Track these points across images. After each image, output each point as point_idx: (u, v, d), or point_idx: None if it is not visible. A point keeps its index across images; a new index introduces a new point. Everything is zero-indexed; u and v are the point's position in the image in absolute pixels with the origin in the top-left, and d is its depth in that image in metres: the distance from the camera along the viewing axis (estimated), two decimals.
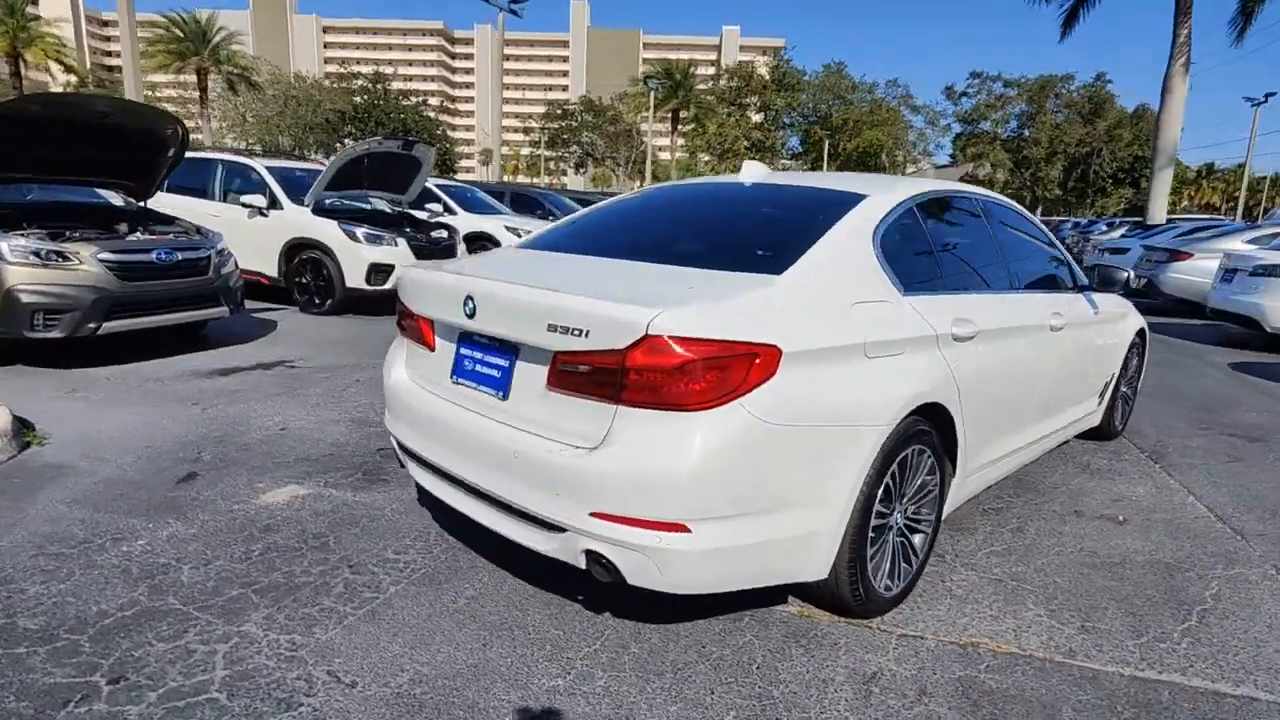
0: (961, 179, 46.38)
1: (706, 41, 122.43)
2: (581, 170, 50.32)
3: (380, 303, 8.24)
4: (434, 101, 75.03)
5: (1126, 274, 3.75)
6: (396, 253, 7.86)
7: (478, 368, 2.36)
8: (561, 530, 2.05)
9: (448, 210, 10.94)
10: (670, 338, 1.86)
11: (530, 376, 2.17)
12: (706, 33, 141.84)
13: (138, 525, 2.89)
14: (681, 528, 1.89)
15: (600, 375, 1.95)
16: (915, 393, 2.29)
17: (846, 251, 2.37)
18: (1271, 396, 6.05)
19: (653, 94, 34.44)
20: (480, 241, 10.53)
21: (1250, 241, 10.75)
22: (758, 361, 1.92)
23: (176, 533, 2.85)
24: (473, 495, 2.35)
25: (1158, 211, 18.77)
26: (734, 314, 1.97)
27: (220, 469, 3.51)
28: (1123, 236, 15.65)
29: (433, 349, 2.56)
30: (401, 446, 2.69)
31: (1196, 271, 10.67)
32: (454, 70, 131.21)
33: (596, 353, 1.94)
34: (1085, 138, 44.42)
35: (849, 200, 2.61)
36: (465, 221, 10.72)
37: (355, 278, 7.73)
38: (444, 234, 8.75)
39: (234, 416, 4.31)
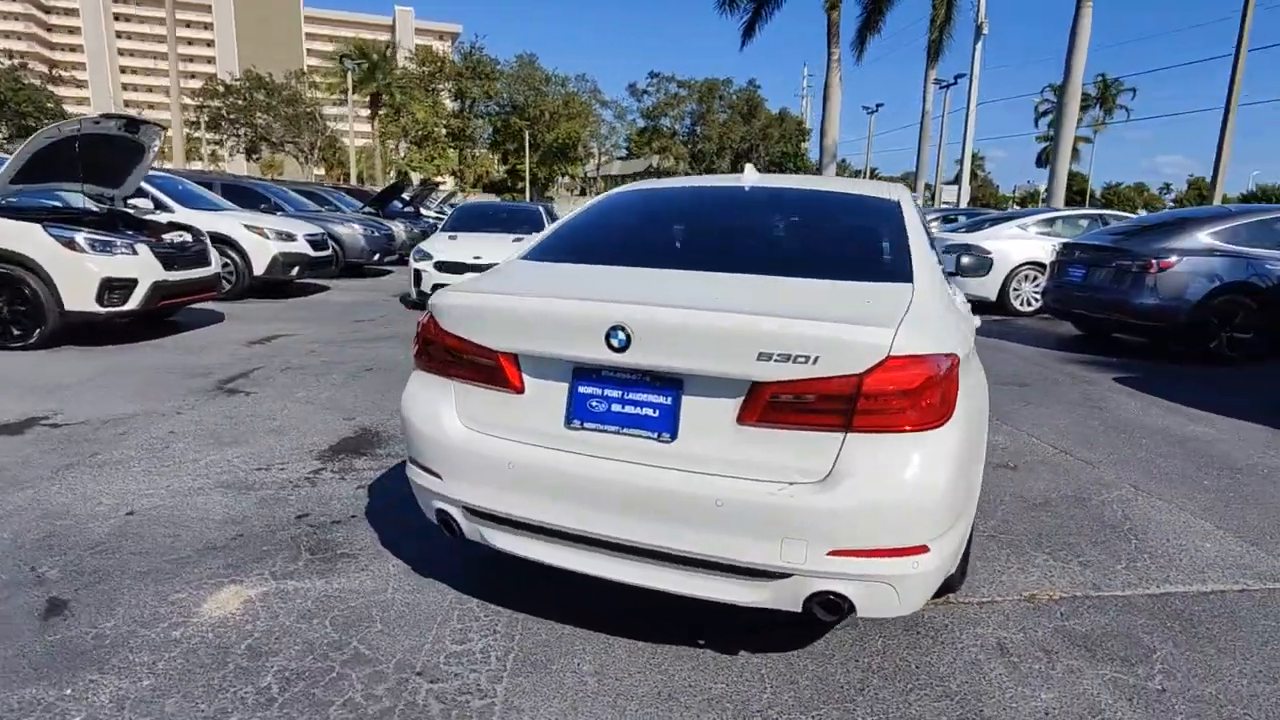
0: (647, 170, 49.93)
1: (378, 21, 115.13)
2: (255, 156, 44.11)
3: (120, 330, 6.48)
4: (35, 67, 59.66)
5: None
6: (138, 263, 6.21)
7: (616, 408, 2.01)
8: (782, 576, 1.86)
9: (159, 206, 8.88)
10: (908, 356, 1.80)
11: (707, 412, 1.92)
12: (373, 10, 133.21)
13: (40, 698, 1.95)
14: (924, 549, 1.85)
15: (827, 402, 1.81)
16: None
17: (930, 254, 2.49)
18: (1008, 352, 7.70)
19: (349, 75, 31.36)
20: (216, 246, 8.74)
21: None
22: (956, 370, 1.94)
23: (120, 691, 1.98)
24: (619, 554, 2.01)
25: None
26: (936, 327, 1.96)
27: (94, 585, 2.50)
28: None
29: (520, 390, 2.12)
30: (473, 511, 2.19)
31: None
32: (50, 28, 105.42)
33: (825, 379, 1.79)
34: (746, 135, 51.19)
35: (890, 205, 2.74)
36: (189, 221, 8.80)
37: (80, 298, 5.93)
38: (187, 237, 7.12)
39: (34, 507, 3.08)
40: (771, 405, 1.84)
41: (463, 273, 8.91)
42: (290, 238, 9.54)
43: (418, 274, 9.03)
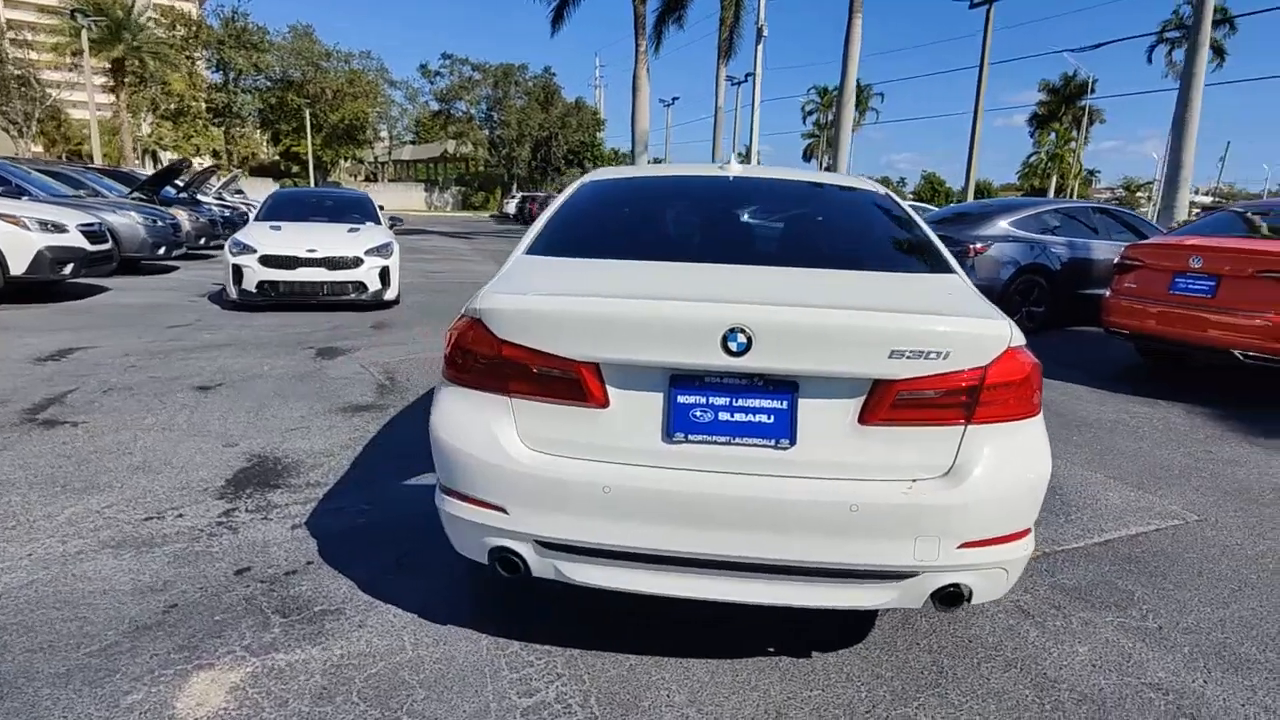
0: (442, 155, 47.87)
1: None
2: None
3: None
4: None
5: None
6: None
7: (725, 416, 1.84)
8: (910, 575, 1.84)
9: None
10: (1018, 347, 1.84)
11: (826, 414, 1.83)
12: None
13: None
14: (1028, 531, 1.92)
15: (953, 397, 1.80)
16: None
17: (940, 243, 2.57)
18: None
19: (84, 34, 26.03)
20: None
21: None
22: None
23: None
24: (729, 573, 1.86)
25: None
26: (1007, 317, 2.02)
27: (22, 685, 1.85)
28: None
29: (604, 404, 1.88)
30: (549, 545, 1.91)
31: None
32: None
33: (956, 374, 1.78)
34: (544, 123, 50.76)
35: (883, 196, 2.82)
36: None
37: None
38: None
39: None
40: (898, 403, 1.80)
41: (296, 268, 7.93)
42: (60, 229, 7.82)
43: (238, 270, 7.84)
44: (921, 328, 1.79)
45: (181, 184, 15.65)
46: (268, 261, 7.88)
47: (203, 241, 14.03)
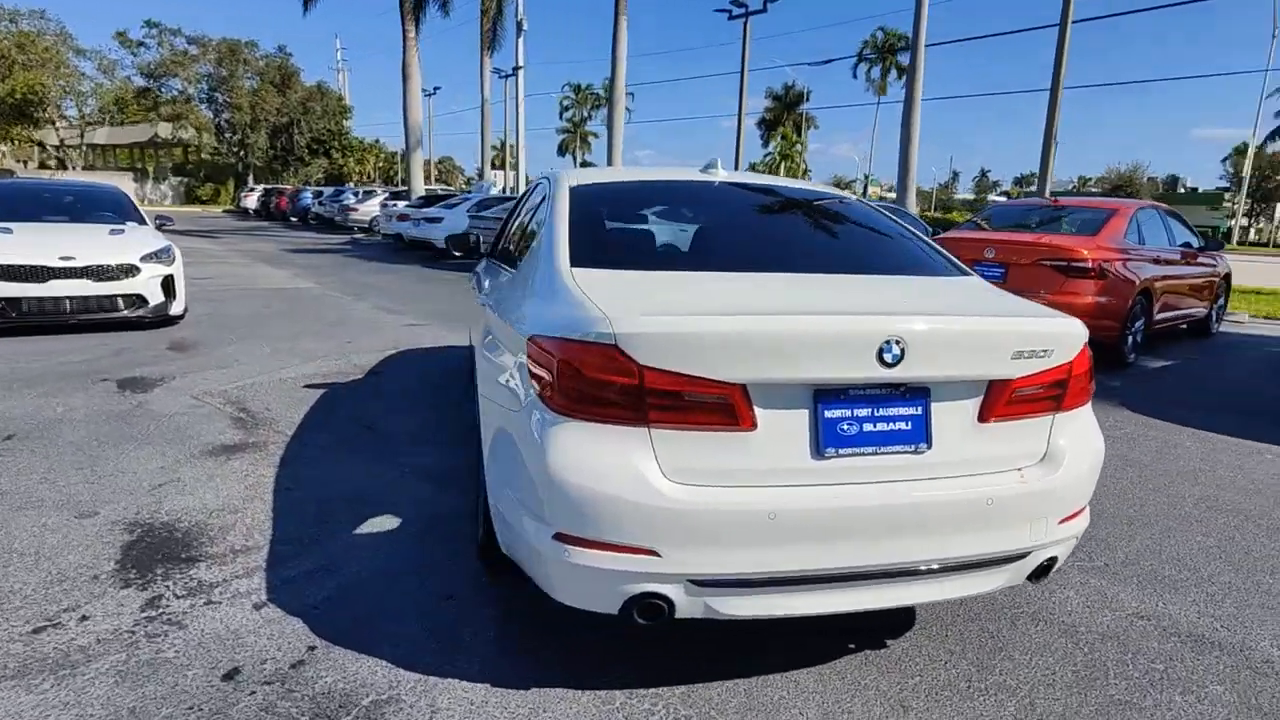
0: (153, 140, 41.49)
1: None
2: None
3: None
4: None
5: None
6: None
7: (869, 427, 1.84)
8: (1024, 556, 1.99)
9: None
10: (1086, 341, 2.08)
11: (952, 416, 1.91)
12: None
13: None
14: (1088, 503, 2.17)
15: (1050, 389, 1.98)
16: None
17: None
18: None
19: None
20: None
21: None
22: None
23: None
24: (868, 582, 1.88)
25: (418, 185, 21.87)
26: None
27: None
28: (425, 206, 17.70)
29: (752, 426, 1.77)
30: (703, 583, 1.76)
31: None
32: None
33: (1055, 368, 1.96)
34: (283, 107, 45.74)
35: (860, 203, 3.00)
36: None
37: None
38: None
39: None
40: (1012, 400, 1.95)
41: (47, 280, 6.38)
42: None
43: None
44: (1038, 329, 1.96)
45: None
46: (7, 274, 6.21)
47: None
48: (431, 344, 6.81)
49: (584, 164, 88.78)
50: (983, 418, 1.95)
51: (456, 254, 4.84)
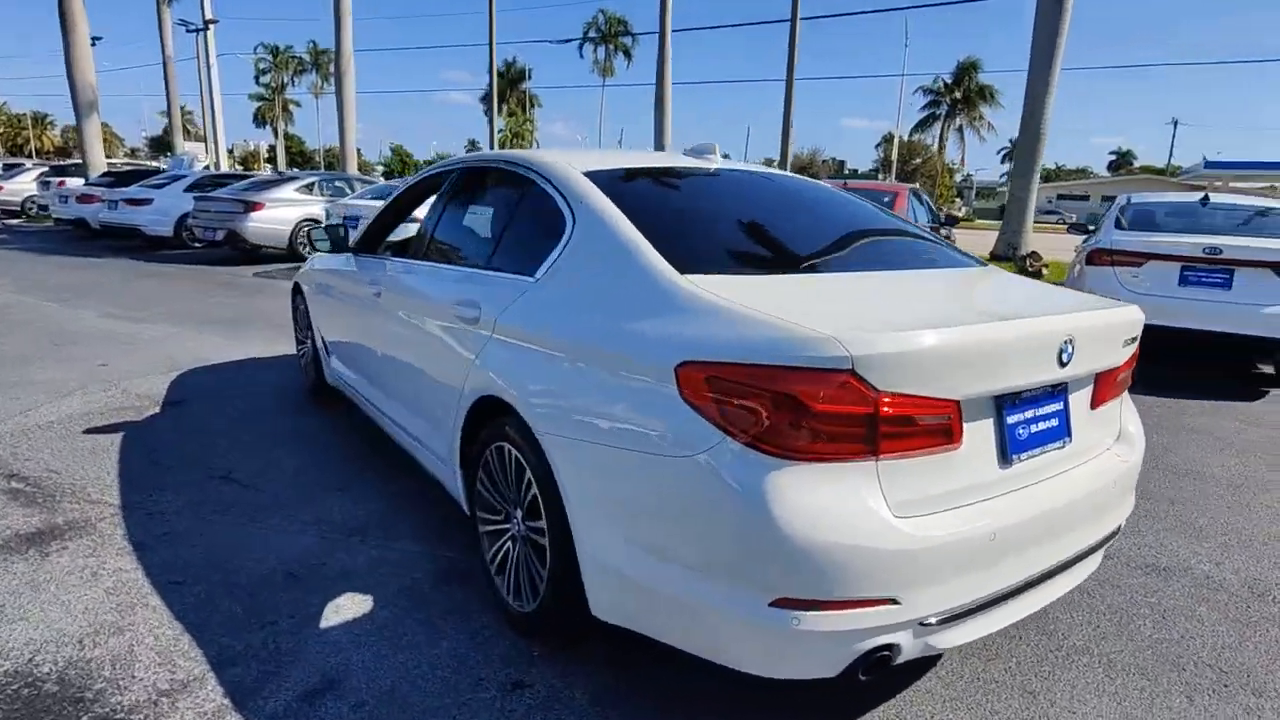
0: None
1: None
2: None
3: None
4: None
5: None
6: None
7: (1035, 428, 1.79)
8: (1116, 532, 2.11)
9: None
10: None
11: (1077, 407, 1.94)
12: None
13: None
14: None
15: (1129, 374, 2.12)
16: None
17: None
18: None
19: None
20: None
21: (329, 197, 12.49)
22: None
23: None
24: (1046, 581, 1.86)
25: (97, 159, 17.72)
26: None
27: None
28: (117, 185, 14.30)
29: (959, 444, 1.62)
30: (928, 623, 1.58)
31: (271, 220, 11.61)
32: None
33: (1133, 354, 2.09)
34: None
35: (838, 189, 2.95)
36: None
37: None
38: None
39: None
40: (1112, 385, 2.04)
41: None
42: None
43: None
44: (1137, 316, 2.07)
45: None
46: None
47: None
48: (220, 358, 5.54)
49: (287, 135, 79.13)
50: (1093, 405, 2.02)
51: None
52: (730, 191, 2.57)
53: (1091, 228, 8.59)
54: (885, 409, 1.49)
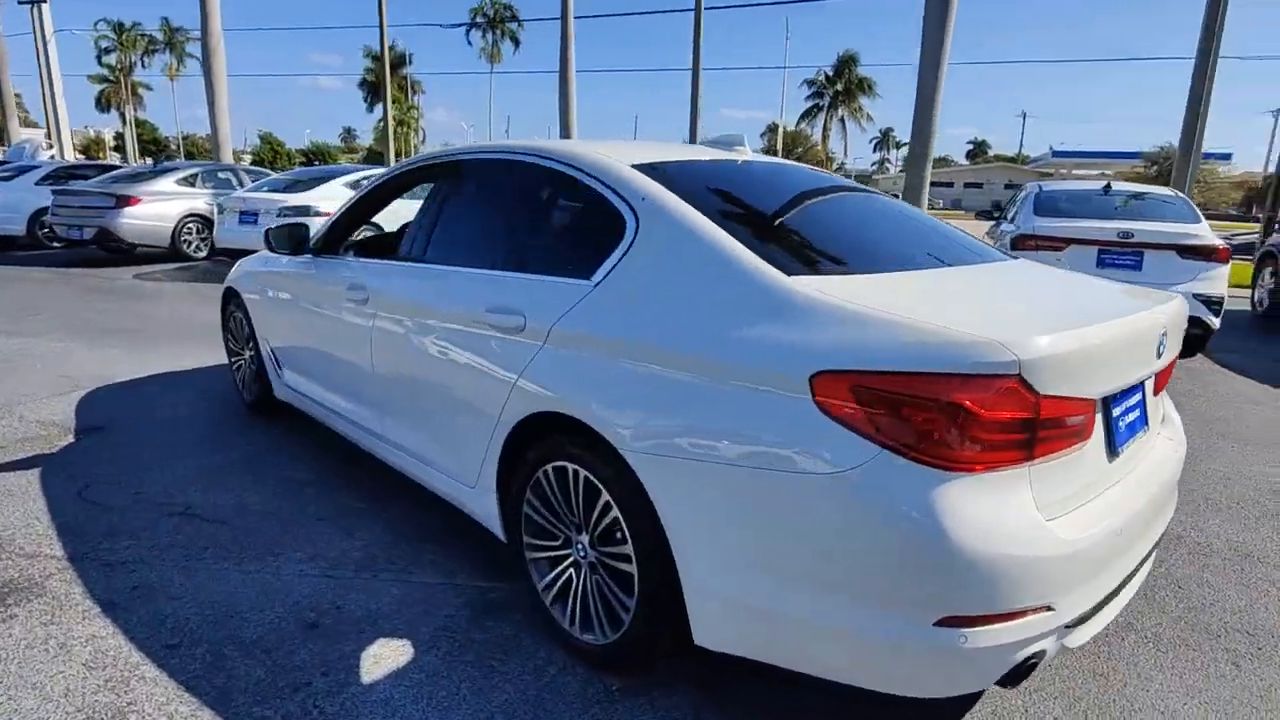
0: None
1: None
2: None
3: None
4: None
5: None
6: None
7: (1129, 418, 1.80)
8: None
9: None
10: None
11: (1147, 395, 1.98)
12: None
13: None
14: None
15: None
16: None
17: None
18: None
19: None
20: None
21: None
22: None
23: None
24: (1136, 572, 1.88)
25: None
26: None
27: None
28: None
29: (1088, 439, 1.60)
30: (1069, 625, 1.55)
31: (149, 216, 10.49)
32: None
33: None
34: None
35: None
36: None
37: None
38: None
39: None
40: (1169, 371, 2.10)
41: None
42: None
43: None
44: (1188, 306, 2.13)
45: None
46: None
47: None
48: (127, 375, 4.91)
49: (137, 121, 71.72)
50: (1155, 392, 2.08)
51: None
52: (778, 185, 2.46)
53: (997, 214, 9.14)
54: (1044, 412, 1.44)
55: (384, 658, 2.07)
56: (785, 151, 67.51)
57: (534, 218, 2.41)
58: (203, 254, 11.11)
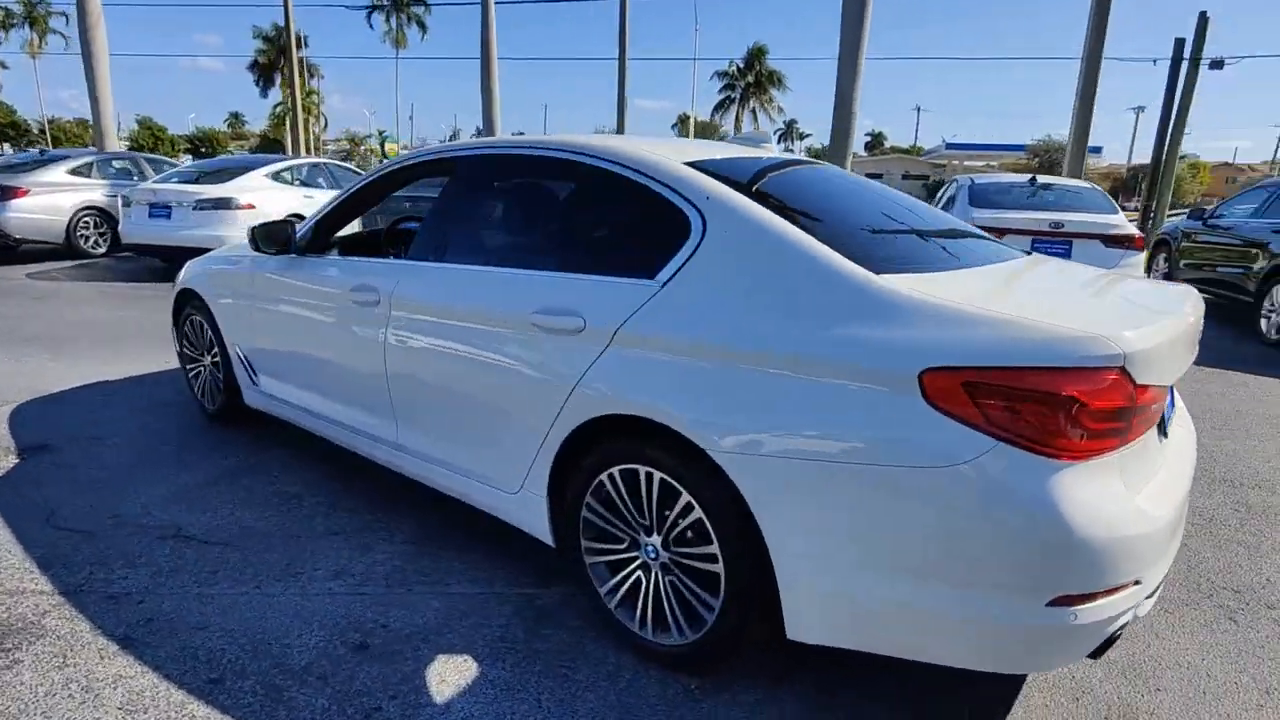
0: None
1: None
2: None
3: None
4: None
5: None
6: None
7: (1167, 400, 1.94)
8: None
9: None
10: None
11: None
12: None
13: None
14: None
15: None
16: None
17: None
18: None
19: None
20: None
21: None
22: None
23: None
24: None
25: None
26: None
27: None
28: None
29: (1156, 423, 1.73)
30: (1152, 593, 1.68)
31: (38, 209, 9.58)
32: None
33: None
34: None
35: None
36: None
37: None
38: None
39: None
40: None
41: None
42: None
43: None
44: None
45: None
46: None
47: None
48: (60, 385, 4.48)
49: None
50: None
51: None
52: (822, 183, 2.49)
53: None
54: (1138, 400, 1.54)
55: (449, 675, 2.00)
56: None
57: (582, 216, 2.35)
58: (102, 250, 10.25)
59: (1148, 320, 1.68)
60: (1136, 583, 1.59)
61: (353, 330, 2.79)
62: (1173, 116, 17.76)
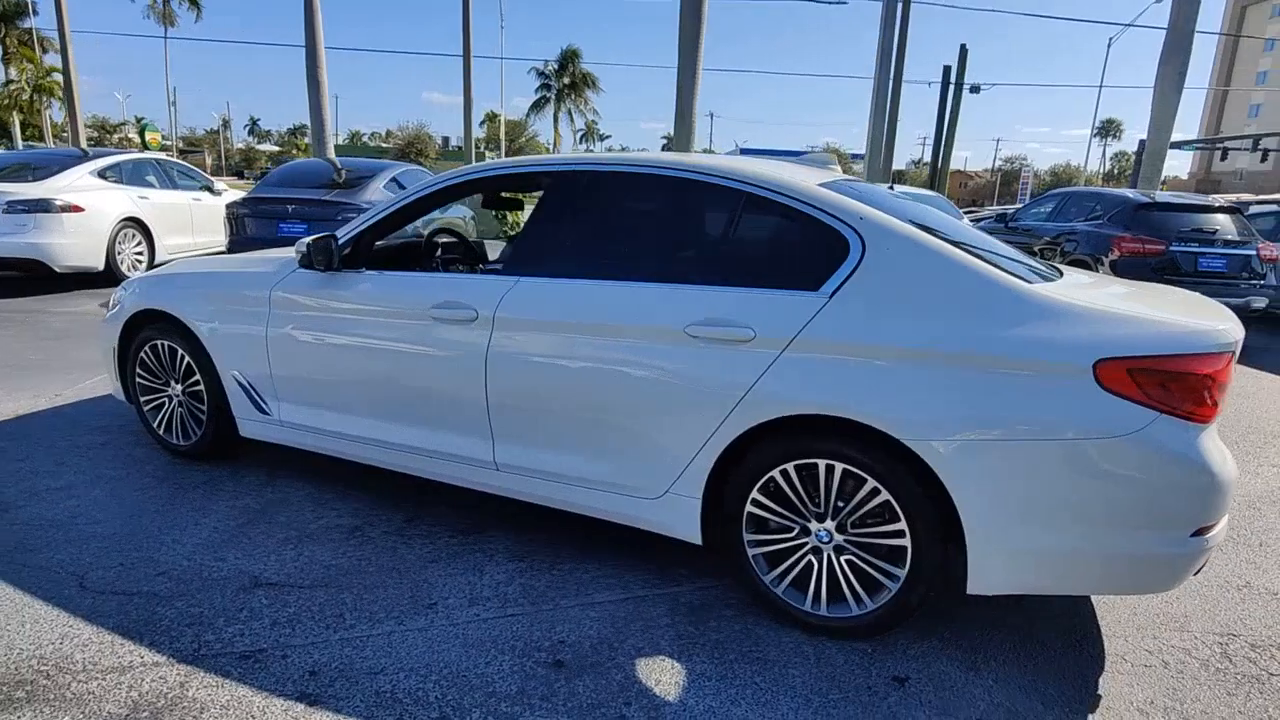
0: None
1: None
2: None
3: None
4: None
5: None
6: None
7: None
8: None
9: None
10: None
11: None
12: None
13: None
14: None
15: None
16: None
17: None
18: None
19: None
20: None
21: None
22: None
23: None
24: None
25: None
26: None
27: None
28: None
29: None
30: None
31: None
32: None
33: None
34: None
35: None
36: None
37: None
38: None
39: None
40: None
41: None
42: None
43: None
44: None
45: None
46: None
47: None
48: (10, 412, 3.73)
49: None
50: None
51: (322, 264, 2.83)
52: (911, 205, 2.82)
53: None
54: (1214, 379, 2.05)
55: (662, 676, 2.09)
56: (507, 141, 67.39)
57: (727, 235, 2.49)
58: None
59: (1227, 315, 2.21)
60: (1226, 515, 2.11)
61: (437, 350, 2.71)
62: (944, 132, 20.85)
